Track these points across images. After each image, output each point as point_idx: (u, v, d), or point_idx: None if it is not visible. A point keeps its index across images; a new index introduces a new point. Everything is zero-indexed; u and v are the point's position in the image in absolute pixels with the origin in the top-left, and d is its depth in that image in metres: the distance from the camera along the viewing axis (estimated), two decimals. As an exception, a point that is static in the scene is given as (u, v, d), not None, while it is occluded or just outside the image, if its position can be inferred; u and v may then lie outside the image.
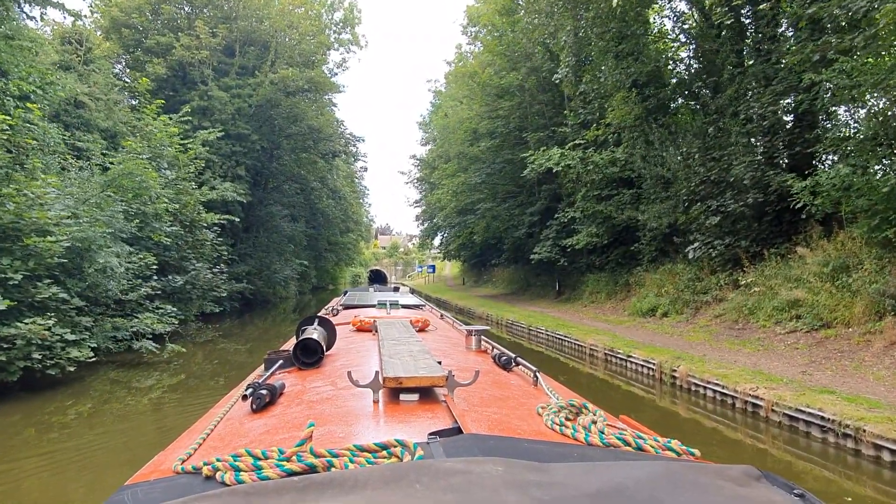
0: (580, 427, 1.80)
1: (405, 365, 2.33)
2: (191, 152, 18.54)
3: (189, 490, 1.38)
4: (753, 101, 14.53)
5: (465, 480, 1.06)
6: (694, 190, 16.14)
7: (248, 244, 29.79)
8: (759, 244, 14.50)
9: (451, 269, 68.92)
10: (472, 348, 3.76)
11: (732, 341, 12.04)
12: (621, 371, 12.01)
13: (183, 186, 16.39)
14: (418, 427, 1.80)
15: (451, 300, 32.68)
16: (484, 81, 27.28)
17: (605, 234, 20.78)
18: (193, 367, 14.63)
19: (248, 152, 26.77)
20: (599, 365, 12.91)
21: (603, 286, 21.97)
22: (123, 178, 12.96)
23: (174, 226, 15.57)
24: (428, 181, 48.17)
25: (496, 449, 1.50)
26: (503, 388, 2.57)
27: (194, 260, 16.62)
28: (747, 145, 14.90)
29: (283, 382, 2.53)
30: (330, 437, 1.77)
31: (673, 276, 17.14)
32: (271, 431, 1.94)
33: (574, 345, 14.80)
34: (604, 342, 13.14)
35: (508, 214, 28.14)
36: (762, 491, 1.15)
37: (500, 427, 1.84)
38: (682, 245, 17.29)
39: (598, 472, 1.17)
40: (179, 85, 25.65)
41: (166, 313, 14.44)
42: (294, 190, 37.60)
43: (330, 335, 3.44)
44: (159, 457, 1.91)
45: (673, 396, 9.85)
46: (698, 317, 14.90)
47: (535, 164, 21.34)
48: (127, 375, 12.16)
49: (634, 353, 11.57)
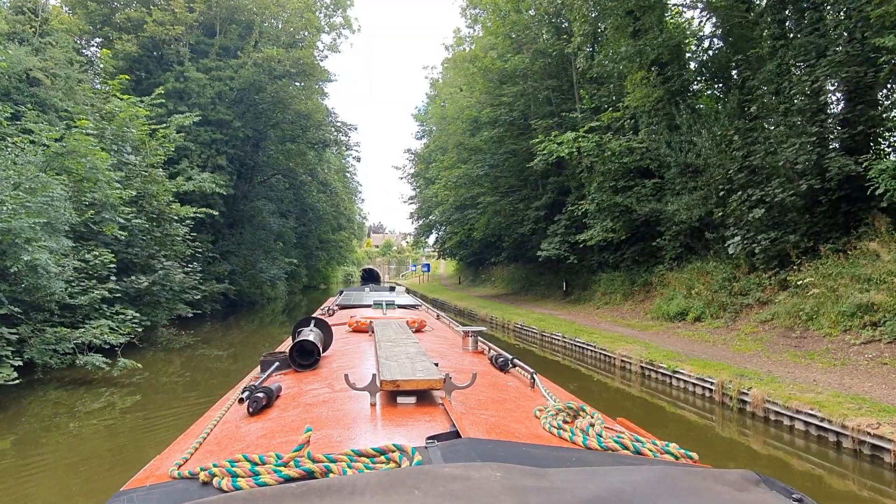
0: (578, 430, 1.79)
1: (402, 367, 2.31)
2: (159, 135, 16.41)
3: (186, 496, 1.37)
4: (804, 74, 12.66)
5: (463, 486, 1.05)
6: (731, 178, 14.27)
7: (232, 241, 27.64)
8: (811, 238, 12.63)
9: (446, 268, 67.03)
10: (469, 349, 3.69)
11: (794, 353, 10.15)
12: (664, 389, 10.09)
13: (149, 174, 14.28)
14: (416, 431, 1.78)
15: (449, 301, 30.70)
16: (486, 66, 25.28)
17: (622, 228, 18.83)
18: (162, 380, 12.61)
19: (229, 140, 24.58)
20: (634, 380, 11.00)
21: (618, 286, 20.08)
22: (66, 160, 10.88)
23: (138, 218, 13.49)
24: (423, 176, 46.25)
25: (494, 453, 1.49)
26: (500, 389, 2.56)
27: (163, 258, 14.53)
28: (797, 125, 13.02)
29: (280, 385, 2.48)
30: (327, 441, 1.76)
31: (704, 276, 15.26)
32: (268, 435, 1.92)
33: (599, 355, 12.89)
34: (638, 353, 11.23)
35: (512, 209, 26.18)
36: (761, 495, 1.14)
37: (497, 431, 1.82)
38: (714, 240, 15.42)
39: (597, 478, 1.16)
40: (153, 66, 23.41)
41: (127, 320, 12.41)
42: (283, 185, 35.42)
43: (326, 336, 3.36)
44: (155, 461, 1.88)
45: (741, 425, 7.93)
46: (739, 322, 13.03)
47: (545, 151, 19.42)
48: (73, 396, 10.12)
49: (683, 369, 9.65)
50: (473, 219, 28.91)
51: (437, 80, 43.47)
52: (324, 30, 30.68)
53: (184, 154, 21.27)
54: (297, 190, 36.57)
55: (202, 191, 20.13)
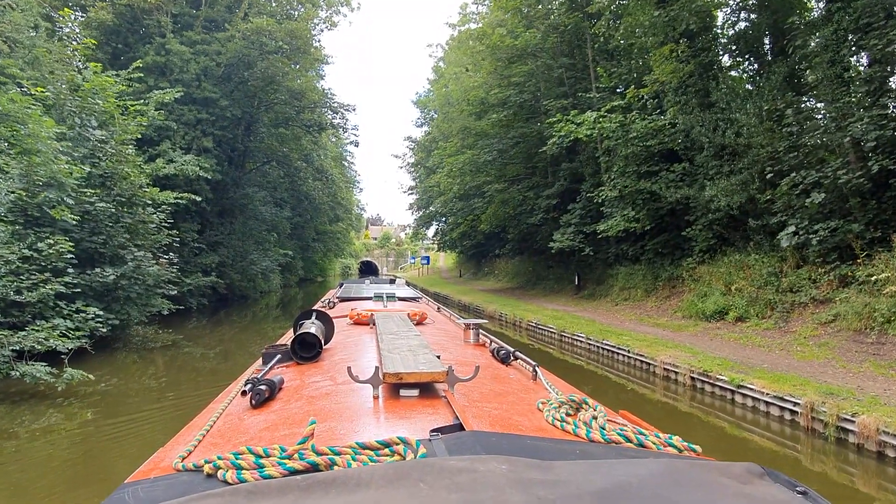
0: (581, 423, 1.77)
1: (405, 360, 2.28)
2: (131, 110, 14.57)
3: (190, 489, 1.34)
4: (874, 39, 10.93)
5: (469, 479, 1.05)
6: (780, 158, 12.57)
7: (221, 231, 25.83)
8: (879, 227, 10.96)
9: (446, 260, 65.42)
10: (471, 342, 3.69)
11: (875, 363, 8.50)
12: (722, 406, 8.42)
13: (117, 151, 12.49)
14: (419, 423, 1.76)
15: (451, 295, 29.01)
16: (494, 44, 23.42)
17: (645, 218, 17.13)
18: (133, 386, 10.95)
19: (216, 121, 22.68)
20: (681, 393, 9.33)
21: (639, 281, 18.41)
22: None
23: (103, 201, 11.72)
24: (424, 165, 44.52)
25: (498, 446, 1.49)
26: (503, 382, 2.55)
27: (135, 248, 12.77)
28: (860, 99, 11.31)
29: (282, 377, 2.47)
30: (331, 433, 1.74)
31: (745, 270, 13.60)
32: (271, 428, 1.91)
33: (634, 361, 11.22)
34: (685, 360, 9.56)
35: (521, 198, 24.45)
36: (765, 488, 1.13)
37: (501, 423, 1.82)
38: (756, 230, 13.74)
39: (602, 470, 1.16)
40: (132, 38, 21.45)
41: (89, 319, 10.70)
42: (278, 173, 33.51)
43: (328, 329, 3.32)
44: (159, 453, 1.87)
45: (843, 461, 6.26)
46: (793, 323, 11.37)
47: (563, 132, 17.66)
48: (13, 413, 8.41)
49: (751, 383, 7.97)
50: (479, 209, 27.17)
51: (439, 66, 41.53)
52: (320, 5, 28.69)
53: (166, 135, 19.44)
54: (293, 178, 34.68)
55: (185, 175, 18.31)
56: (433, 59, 47.79)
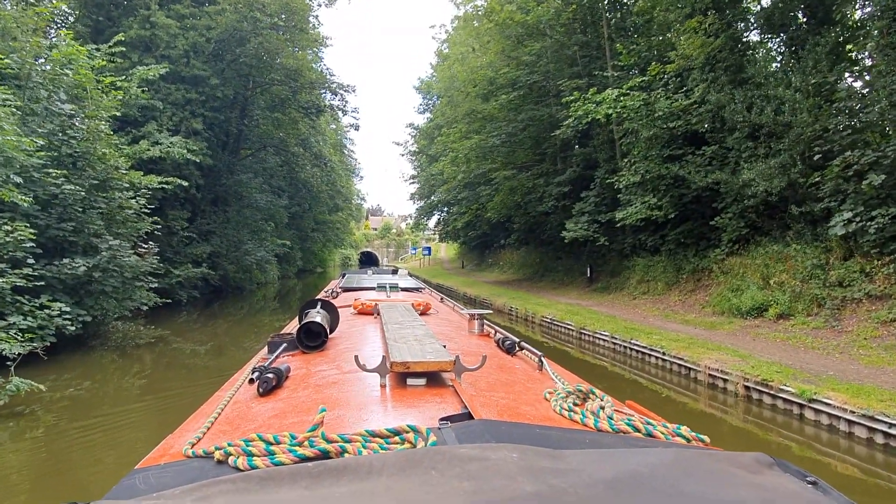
0: (589, 413, 1.76)
1: (411, 349, 2.28)
2: (105, 82, 13.21)
3: (201, 475, 1.34)
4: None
5: (480, 467, 1.04)
6: (829, 137, 11.26)
7: (213, 219, 24.52)
8: (947, 214, 9.71)
9: (447, 251, 64.21)
10: (475, 332, 3.66)
11: (963, 370, 7.26)
12: (786, 423, 7.17)
13: (89, 127, 11.15)
14: (427, 412, 1.75)
15: (455, 287, 27.77)
16: (503, 20, 22.02)
17: (668, 205, 15.83)
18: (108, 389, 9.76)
19: (206, 101, 21.31)
20: (732, 405, 8.09)
21: (659, 273, 17.14)
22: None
23: (71, 184, 10.43)
24: (426, 153, 43.11)
25: (508, 435, 1.47)
26: (509, 372, 2.53)
27: (110, 237, 11.49)
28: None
29: (289, 366, 2.45)
30: (340, 421, 1.73)
31: (785, 262, 12.34)
32: (280, 415, 1.89)
33: (671, 365, 9.98)
34: (737, 367, 8.30)
35: (530, 185, 23.13)
36: (775, 478, 1.12)
37: (509, 412, 1.80)
38: (798, 217, 12.46)
39: (612, 459, 1.15)
40: (115, 11, 20.04)
41: (54, 315, 9.46)
42: (276, 161, 32.13)
43: (333, 318, 3.31)
44: (168, 440, 1.85)
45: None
46: (847, 321, 10.13)
47: (580, 112, 16.32)
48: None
49: (826, 397, 6.71)
50: (486, 197, 25.85)
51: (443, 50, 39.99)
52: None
53: (151, 115, 18.10)
54: (290, 165, 33.29)
55: (172, 158, 17.00)
56: (436, 41, 46.00)
